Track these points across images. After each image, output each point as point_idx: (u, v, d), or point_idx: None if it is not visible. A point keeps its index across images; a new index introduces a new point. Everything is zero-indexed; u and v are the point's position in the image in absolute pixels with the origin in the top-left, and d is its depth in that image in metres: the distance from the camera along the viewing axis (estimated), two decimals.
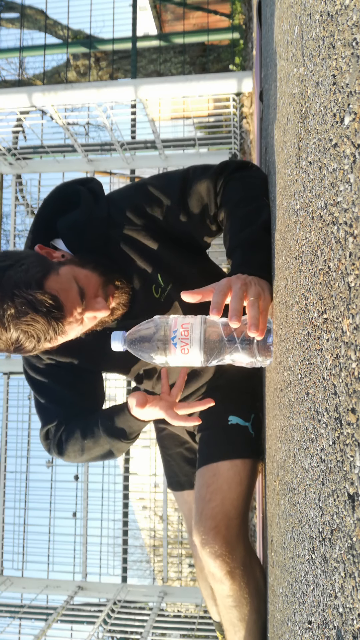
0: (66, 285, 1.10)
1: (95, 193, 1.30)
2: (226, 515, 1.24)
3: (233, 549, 1.23)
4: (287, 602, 0.68)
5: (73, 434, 1.29)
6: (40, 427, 1.35)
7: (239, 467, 1.28)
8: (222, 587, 1.25)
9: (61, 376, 1.33)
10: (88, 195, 1.28)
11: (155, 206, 1.25)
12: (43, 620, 3.22)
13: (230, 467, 1.28)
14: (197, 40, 5.52)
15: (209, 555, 1.22)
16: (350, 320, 0.37)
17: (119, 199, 1.29)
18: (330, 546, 0.41)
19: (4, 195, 4.32)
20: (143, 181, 1.30)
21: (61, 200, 1.29)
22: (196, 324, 0.97)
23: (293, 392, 0.64)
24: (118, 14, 6.43)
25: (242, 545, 1.25)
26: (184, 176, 1.27)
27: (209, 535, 1.23)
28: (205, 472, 1.30)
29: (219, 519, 1.24)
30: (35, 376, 1.33)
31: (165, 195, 1.25)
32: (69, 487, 3.87)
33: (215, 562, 1.22)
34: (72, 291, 1.11)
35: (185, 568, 3.90)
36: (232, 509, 1.25)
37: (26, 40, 7.47)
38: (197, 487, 1.31)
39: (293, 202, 0.66)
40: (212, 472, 1.28)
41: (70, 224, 1.25)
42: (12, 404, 3.95)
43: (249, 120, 3.98)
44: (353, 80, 0.38)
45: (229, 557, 1.22)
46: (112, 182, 4.63)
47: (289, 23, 0.74)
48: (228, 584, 1.23)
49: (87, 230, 1.24)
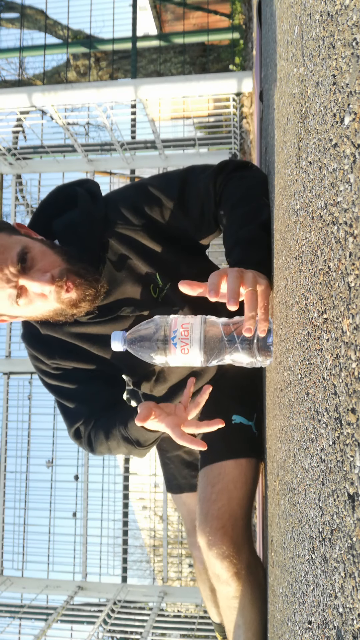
0: (8, 244, 1.11)
1: (92, 193, 1.30)
2: (233, 515, 1.23)
3: (240, 550, 1.21)
4: (287, 602, 0.68)
5: (98, 436, 1.30)
6: (67, 428, 1.35)
7: (244, 467, 1.27)
8: (228, 589, 1.23)
9: (73, 376, 1.33)
10: (85, 195, 1.28)
11: (155, 206, 1.25)
12: (43, 620, 3.22)
13: (236, 466, 1.27)
14: (197, 40, 5.53)
15: (216, 556, 1.21)
16: (350, 320, 0.37)
17: (117, 199, 1.29)
18: (330, 546, 0.41)
19: (4, 195, 4.33)
20: (142, 181, 1.30)
21: (58, 203, 1.30)
22: (196, 324, 0.97)
23: (293, 392, 0.64)
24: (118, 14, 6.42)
25: (247, 545, 1.24)
26: (184, 176, 1.27)
27: (216, 536, 1.21)
28: (210, 471, 1.29)
29: (225, 519, 1.23)
30: (50, 381, 1.34)
31: (165, 195, 1.25)
32: (69, 487, 3.88)
33: (222, 564, 1.21)
34: (11, 251, 1.11)
35: (185, 568, 3.90)
36: (238, 509, 1.24)
37: (26, 40, 7.47)
38: (201, 486, 1.30)
39: (293, 202, 0.66)
40: (217, 472, 1.27)
41: (65, 223, 1.26)
42: (12, 404, 3.95)
43: (249, 120, 3.98)
44: (353, 80, 0.38)
45: (236, 558, 1.21)
46: (112, 182, 4.63)
47: (289, 23, 0.74)
48: (234, 585, 1.22)
49: (83, 230, 1.24)
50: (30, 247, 1.13)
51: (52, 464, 3.94)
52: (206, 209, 1.23)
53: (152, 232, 1.25)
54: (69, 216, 1.26)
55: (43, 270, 1.12)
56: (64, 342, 1.31)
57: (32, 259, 1.12)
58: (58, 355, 1.32)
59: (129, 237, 1.25)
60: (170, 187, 1.25)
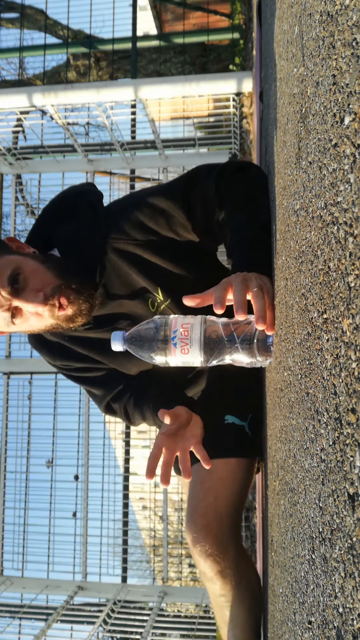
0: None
1: (93, 206, 1.29)
2: (218, 513, 1.24)
3: (224, 549, 1.22)
4: (287, 602, 0.68)
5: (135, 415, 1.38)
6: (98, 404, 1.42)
7: (233, 466, 1.28)
8: (214, 587, 1.24)
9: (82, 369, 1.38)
10: (86, 208, 1.28)
11: (160, 218, 1.24)
12: (43, 620, 3.22)
13: (225, 466, 1.28)
14: (197, 40, 5.53)
15: (199, 554, 1.22)
16: (350, 320, 0.37)
17: (119, 213, 1.28)
18: (330, 546, 0.41)
19: (4, 195, 4.33)
20: (145, 193, 1.28)
21: (58, 213, 1.30)
22: (196, 324, 0.97)
23: (293, 392, 0.64)
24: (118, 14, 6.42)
25: (233, 544, 1.24)
26: (187, 183, 1.26)
27: (200, 534, 1.22)
28: (200, 469, 1.29)
29: (210, 517, 1.23)
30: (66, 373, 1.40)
31: (170, 205, 1.24)
32: (69, 487, 3.88)
33: (206, 562, 1.21)
34: (3, 274, 1.12)
35: (185, 568, 3.90)
36: (224, 508, 1.25)
37: (26, 40, 7.46)
38: (191, 484, 1.31)
39: (293, 202, 0.66)
40: (206, 470, 1.28)
41: (65, 235, 1.26)
42: (12, 404, 3.96)
43: (249, 120, 3.98)
44: (353, 80, 0.38)
45: (220, 557, 1.21)
46: (112, 182, 4.63)
47: (289, 23, 0.74)
48: (219, 583, 1.23)
49: (81, 244, 1.24)
50: (22, 266, 1.14)
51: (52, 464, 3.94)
52: (210, 212, 1.23)
53: (157, 246, 1.25)
54: (68, 228, 1.27)
55: (36, 290, 1.13)
56: (64, 346, 1.35)
57: (24, 280, 1.13)
58: (59, 358, 1.36)
59: (129, 252, 1.25)
60: (175, 196, 1.25)
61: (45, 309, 1.14)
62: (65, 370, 1.40)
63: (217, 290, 0.93)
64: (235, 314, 0.89)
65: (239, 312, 0.89)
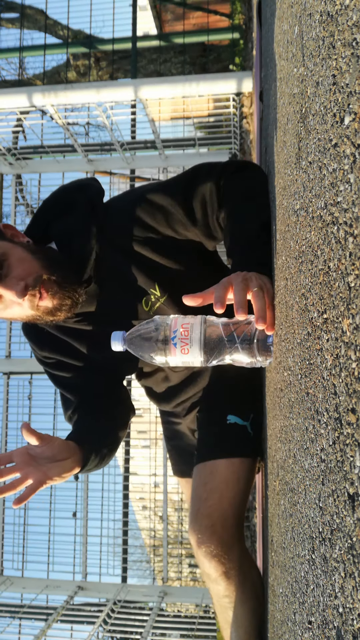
0: None
1: (92, 201, 1.29)
2: (223, 514, 1.24)
3: (229, 550, 1.22)
4: (287, 602, 0.68)
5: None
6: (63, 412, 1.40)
7: (236, 466, 1.28)
8: (218, 588, 1.24)
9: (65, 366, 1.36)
10: (84, 204, 1.28)
11: (159, 215, 1.24)
12: (43, 620, 3.22)
13: (228, 466, 1.28)
14: (197, 40, 5.53)
15: (204, 555, 1.22)
16: (350, 320, 0.37)
17: (118, 210, 1.28)
18: (330, 546, 0.41)
19: (4, 195, 4.33)
20: (145, 190, 1.28)
21: (58, 207, 1.29)
22: (196, 324, 0.97)
23: (293, 392, 0.64)
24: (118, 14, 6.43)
25: (237, 545, 1.24)
26: (188, 181, 1.26)
27: (205, 535, 1.22)
28: (203, 469, 1.29)
29: (215, 518, 1.23)
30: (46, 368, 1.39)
31: (169, 202, 1.24)
32: (69, 487, 3.88)
33: (210, 563, 1.21)
34: None
35: (185, 568, 3.90)
36: (229, 508, 1.25)
37: (26, 40, 7.48)
38: (194, 485, 1.30)
39: (293, 202, 0.66)
40: (210, 470, 1.28)
41: (62, 228, 1.26)
42: (12, 404, 3.96)
43: (249, 120, 3.98)
44: (353, 80, 0.38)
45: (225, 558, 1.21)
46: (112, 182, 4.63)
47: (289, 23, 0.74)
48: (224, 584, 1.23)
49: (77, 239, 1.24)
50: (9, 253, 1.14)
51: None
52: (210, 210, 1.23)
53: (155, 243, 1.24)
54: (64, 222, 1.26)
55: (18, 278, 1.13)
56: (54, 336, 1.33)
57: (9, 266, 1.13)
58: (47, 348, 1.35)
59: (127, 249, 1.25)
60: (175, 194, 1.24)
61: (25, 298, 1.13)
62: (47, 365, 1.37)
63: (218, 290, 0.93)
64: (236, 314, 0.89)
65: (239, 312, 0.89)
